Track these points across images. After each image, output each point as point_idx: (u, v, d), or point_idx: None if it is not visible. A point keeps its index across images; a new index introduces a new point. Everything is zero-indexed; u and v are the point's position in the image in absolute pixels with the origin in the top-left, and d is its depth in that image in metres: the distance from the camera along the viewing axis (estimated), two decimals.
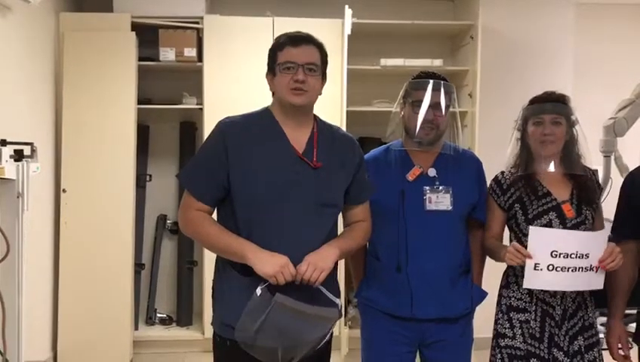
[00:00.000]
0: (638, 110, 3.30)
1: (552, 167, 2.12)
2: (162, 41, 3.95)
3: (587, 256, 1.99)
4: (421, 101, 2.14)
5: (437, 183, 2.18)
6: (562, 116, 2.12)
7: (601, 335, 2.23)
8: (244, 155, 1.89)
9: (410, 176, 2.19)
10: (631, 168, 3.44)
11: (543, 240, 2.01)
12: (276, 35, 2.01)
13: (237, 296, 1.85)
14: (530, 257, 2.00)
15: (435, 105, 2.14)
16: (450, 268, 2.19)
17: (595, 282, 2.03)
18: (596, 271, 2.01)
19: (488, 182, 2.30)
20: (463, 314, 2.23)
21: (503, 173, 2.25)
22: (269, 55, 1.96)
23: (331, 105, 3.86)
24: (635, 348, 2.19)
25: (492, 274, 2.33)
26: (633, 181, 2.16)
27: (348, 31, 3.78)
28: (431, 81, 2.16)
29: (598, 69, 4.37)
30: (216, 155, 1.90)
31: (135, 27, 3.88)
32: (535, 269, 2.00)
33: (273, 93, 1.99)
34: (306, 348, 1.85)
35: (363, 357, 2.33)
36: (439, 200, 2.16)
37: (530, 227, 2.05)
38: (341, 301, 2.00)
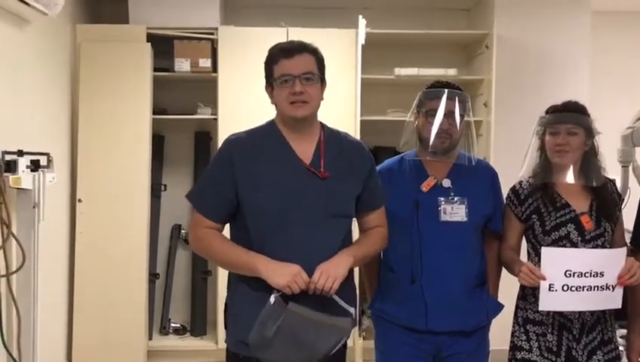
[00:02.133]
0: None
1: (570, 178, 2.09)
2: (177, 51, 3.97)
3: (602, 274, 1.96)
4: (435, 110, 2.13)
5: (452, 194, 2.16)
6: (579, 126, 2.09)
7: (621, 348, 2.19)
8: (251, 170, 1.89)
9: (425, 187, 2.17)
10: None
11: (556, 260, 1.98)
12: None
13: (251, 311, 1.84)
14: (544, 278, 1.98)
15: (449, 115, 2.12)
16: (465, 279, 2.16)
17: (612, 301, 2.00)
18: (613, 290, 1.98)
19: (504, 192, 2.28)
20: (478, 326, 2.20)
21: (521, 183, 2.22)
22: (265, 69, 1.94)
23: (345, 115, 3.85)
24: None
25: (509, 285, 2.30)
26: None
27: (362, 41, 3.78)
28: (445, 91, 2.14)
29: (614, 77, 4.33)
30: (224, 173, 1.90)
31: (150, 38, 3.91)
32: (550, 290, 1.98)
33: (276, 107, 1.98)
34: (318, 358, 1.84)
35: None
36: (454, 212, 2.14)
37: (543, 248, 2.02)
38: (356, 309, 1.98)
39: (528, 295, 2.16)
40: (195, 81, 4.16)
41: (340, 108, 3.89)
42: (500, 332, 2.35)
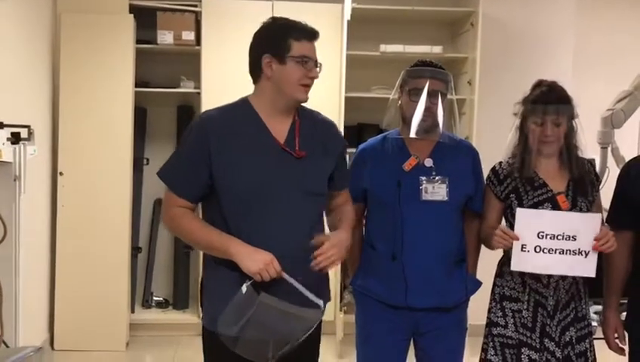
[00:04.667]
0: (636, 102, 3.29)
1: (549, 160, 2.11)
2: (160, 23, 3.92)
3: (575, 238, 2.00)
4: (418, 89, 2.13)
5: (433, 173, 2.17)
6: (564, 117, 2.10)
7: (594, 323, 2.24)
8: (226, 149, 1.86)
9: (407, 166, 2.19)
10: (627, 159, 3.45)
11: (529, 221, 2.03)
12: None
13: (226, 291, 1.83)
14: (517, 239, 2.01)
15: (432, 94, 2.13)
16: (445, 257, 2.20)
17: (584, 268, 2.02)
18: (586, 256, 2.00)
19: (485, 171, 2.30)
20: (457, 303, 2.24)
21: (501, 163, 2.24)
22: (277, 39, 1.85)
23: (330, 91, 3.84)
24: (626, 335, 2.20)
25: (488, 263, 2.34)
26: (629, 172, 2.16)
27: (348, 16, 3.75)
28: (428, 70, 2.15)
29: (597, 58, 4.34)
30: (197, 151, 1.86)
31: (133, 9, 3.85)
32: (522, 251, 2.02)
33: (260, 79, 1.90)
34: (289, 344, 1.84)
35: (358, 345, 2.35)
36: (435, 191, 2.16)
37: (518, 209, 2.07)
38: (327, 300, 1.99)
39: (506, 273, 2.20)
40: (179, 53, 4.12)
41: (325, 85, 3.86)
42: (479, 307, 2.39)
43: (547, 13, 4.13)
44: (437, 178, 2.17)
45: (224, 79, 3.86)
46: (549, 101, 2.11)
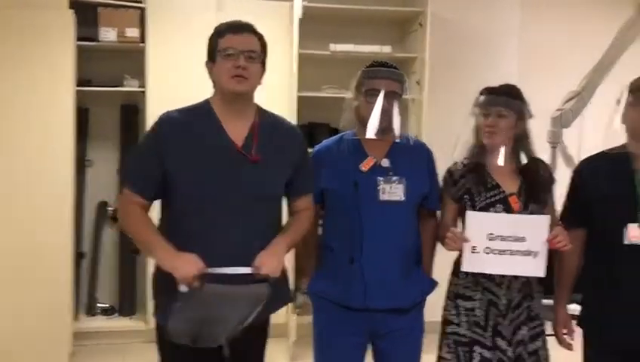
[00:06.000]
0: (583, 102, 3.40)
1: (500, 160, 2.13)
2: (102, 20, 3.77)
3: (524, 239, 2.03)
4: (374, 90, 2.12)
5: (390, 173, 2.17)
6: (509, 109, 2.13)
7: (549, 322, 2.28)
8: (181, 151, 1.89)
9: (364, 167, 2.17)
10: (574, 158, 3.56)
11: (479, 223, 2.06)
12: (222, 17, 2.01)
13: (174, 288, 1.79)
14: (467, 240, 2.04)
15: (388, 95, 2.12)
16: (403, 258, 2.20)
17: (534, 268, 2.05)
18: (535, 257, 2.04)
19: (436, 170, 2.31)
20: (414, 304, 2.24)
21: (456, 163, 2.26)
22: (210, 43, 1.96)
23: (281, 91, 3.80)
24: (579, 331, 2.25)
25: (445, 262, 2.35)
26: (581, 172, 2.21)
27: (299, 14, 3.71)
28: (384, 71, 2.15)
29: (543, 57, 4.45)
30: (152, 149, 1.92)
31: (73, 5, 3.68)
32: (473, 252, 2.05)
33: (214, 84, 1.98)
34: (232, 329, 1.85)
35: (315, 348, 2.31)
36: (392, 191, 2.15)
37: (468, 211, 2.10)
38: (291, 299, 2.08)
39: (460, 271, 2.21)
40: (122, 51, 3.97)
41: (276, 84, 3.82)
42: (434, 304, 2.38)
43: (493, 14, 4.21)
44: (394, 178, 2.16)
45: (170, 77, 3.77)
46: (494, 93, 2.16)
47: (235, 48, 1.89)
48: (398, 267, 2.18)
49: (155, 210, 2.01)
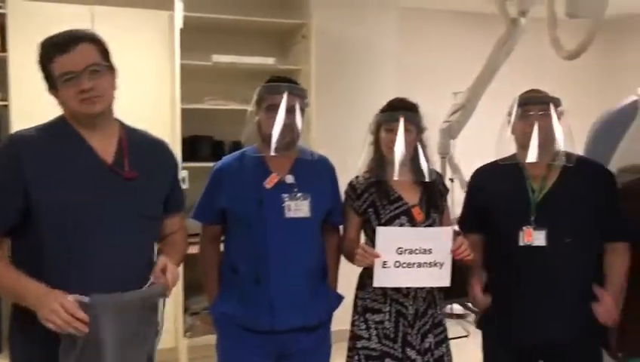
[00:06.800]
0: (467, 114, 3.60)
1: (403, 173, 2.17)
2: None
3: (430, 251, 2.09)
4: (275, 105, 2.08)
5: (295, 190, 2.13)
6: (412, 125, 2.18)
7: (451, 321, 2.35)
8: (46, 173, 1.67)
9: (268, 184, 2.12)
10: (461, 167, 3.75)
11: (389, 238, 2.09)
12: (96, 26, 1.78)
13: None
14: (378, 256, 2.06)
15: (290, 110, 2.08)
16: (310, 275, 2.16)
17: (441, 278, 2.13)
18: (441, 268, 2.11)
19: None
20: (321, 321, 2.22)
21: (357, 177, 2.27)
22: (42, 70, 1.72)
23: (161, 103, 3.64)
24: (478, 333, 2.34)
25: (350, 275, 2.34)
26: (475, 181, 2.33)
27: (180, 24, 3.56)
28: (285, 85, 2.11)
29: (421, 71, 4.66)
30: (9, 177, 1.66)
31: None
32: (384, 267, 2.07)
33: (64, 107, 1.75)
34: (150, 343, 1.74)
35: None
36: (298, 208, 2.12)
37: (377, 227, 2.11)
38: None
39: (367, 284, 2.23)
40: None
41: (155, 96, 3.66)
42: (336, 314, 2.36)
43: (372, 27, 4.31)
44: (299, 194, 2.12)
45: (36, 90, 3.39)
46: (398, 108, 2.19)
47: (72, 71, 1.66)
48: (306, 284, 2.14)
49: None
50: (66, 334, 1.57)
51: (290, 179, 2.14)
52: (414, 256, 2.08)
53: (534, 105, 2.11)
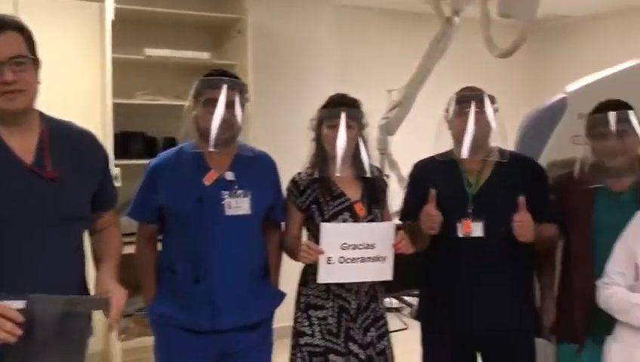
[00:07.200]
0: (405, 111, 3.64)
1: (345, 169, 2.17)
2: None
3: (373, 246, 2.11)
4: (214, 100, 2.02)
5: (235, 187, 2.08)
6: (354, 121, 2.18)
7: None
8: None
9: (207, 181, 2.06)
10: (399, 164, 3.79)
11: (333, 234, 2.08)
12: (20, 16, 1.65)
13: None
14: (322, 252, 2.05)
15: (229, 105, 2.03)
16: (251, 273, 2.13)
17: (383, 273, 2.15)
18: (383, 262, 2.13)
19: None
20: (263, 319, 2.19)
21: (300, 173, 2.26)
22: None
23: (90, 98, 3.51)
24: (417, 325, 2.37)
25: (292, 272, 2.32)
26: (415, 173, 2.37)
27: (111, 16, 3.42)
28: (224, 79, 2.05)
29: (357, 68, 4.67)
30: None
31: None
32: (328, 263, 2.07)
33: None
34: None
35: None
36: (238, 205, 2.07)
37: (321, 224, 2.11)
38: None
39: (310, 281, 2.22)
40: None
41: (85, 91, 3.52)
42: (278, 311, 2.34)
43: (309, 24, 4.31)
44: (239, 191, 2.08)
45: None
46: (339, 104, 2.19)
47: None
48: (247, 282, 2.10)
49: None
50: None
51: (230, 175, 2.09)
52: (358, 251, 2.09)
53: (471, 102, 2.15)
